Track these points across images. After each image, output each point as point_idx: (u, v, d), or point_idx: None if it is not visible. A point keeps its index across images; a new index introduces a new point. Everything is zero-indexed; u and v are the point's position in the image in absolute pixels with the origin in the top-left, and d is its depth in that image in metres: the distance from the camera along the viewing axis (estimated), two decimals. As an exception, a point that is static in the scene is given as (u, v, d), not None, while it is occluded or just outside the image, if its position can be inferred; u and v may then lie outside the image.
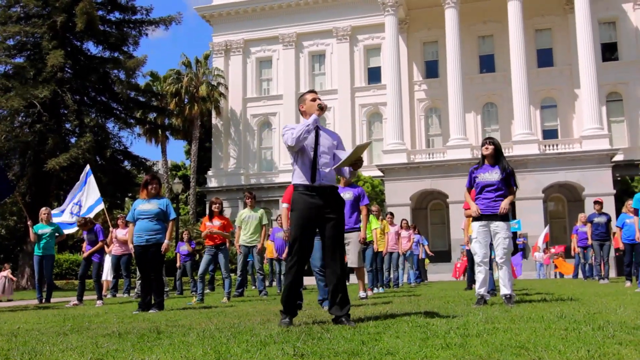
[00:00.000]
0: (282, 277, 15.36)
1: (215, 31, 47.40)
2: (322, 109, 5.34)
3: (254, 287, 17.50)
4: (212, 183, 45.70)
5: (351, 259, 9.33)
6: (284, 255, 15.16)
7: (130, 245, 8.87)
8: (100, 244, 11.80)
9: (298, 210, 5.26)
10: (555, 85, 40.55)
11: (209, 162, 47.70)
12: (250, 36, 46.42)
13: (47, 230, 12.45)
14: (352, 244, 9.07)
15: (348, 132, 43.15)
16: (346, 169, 5.45)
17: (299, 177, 5.31)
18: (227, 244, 11.17)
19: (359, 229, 9.09)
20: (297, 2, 45.13)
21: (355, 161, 5.19)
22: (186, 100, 45.75)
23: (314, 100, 5.45)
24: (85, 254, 11.98)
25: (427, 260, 23.97)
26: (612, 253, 15.65)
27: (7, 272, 17.34)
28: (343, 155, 5.24)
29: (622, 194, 31.65)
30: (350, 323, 4.92)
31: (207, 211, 11.03)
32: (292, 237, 5.28)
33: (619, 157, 36.63)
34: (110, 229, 14.74)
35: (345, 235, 8.94)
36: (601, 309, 5.97)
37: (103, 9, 31.55)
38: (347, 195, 9.06)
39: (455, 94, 37.26)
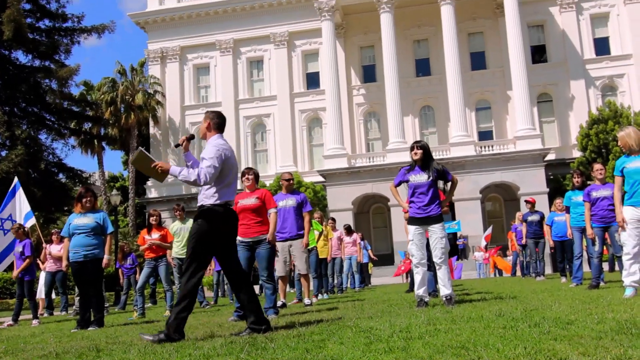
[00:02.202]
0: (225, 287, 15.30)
1: (151, 38, 46.55)
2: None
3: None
4: (152, 194, 44.85)
5: (298, 265, 9.34)
6: None
7: (65, 262, 8.57)
8: (27, 260, 11.22)
9: None
10: (489, 88, 41.66)
11: (148, 172, 46.67)
12: (187, 43, 45.82)
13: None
14: (296, 250, 9.09)
15: (288, 138, 43.19)
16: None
17: None
18: (168, 256, 10.99)
19: (302, 236, 9.10)
20: (234, 7, 44.86)
21: (152, 172, 5.29)
22: (122, 109, 44.69)
23: None
24: (14, 274, 11.39)
25: (370, 265, 24.20)
26: (548, 250, 16.15)
27: None
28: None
29: (555, 191, 32.73)
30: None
31: (146, 223, 10.83)
32: None
33: (551, 157, 37.91)
34: (44, 245, 14.23)
35: (290, 242, 9.02)
36: (537, 305, 6.15)
37: (32, 17, 30.64)
38: (289, 202, 9.08)
39: (393, 97, 37.79)
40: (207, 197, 5.32)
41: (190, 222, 12.13)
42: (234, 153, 5.59)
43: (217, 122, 5.53)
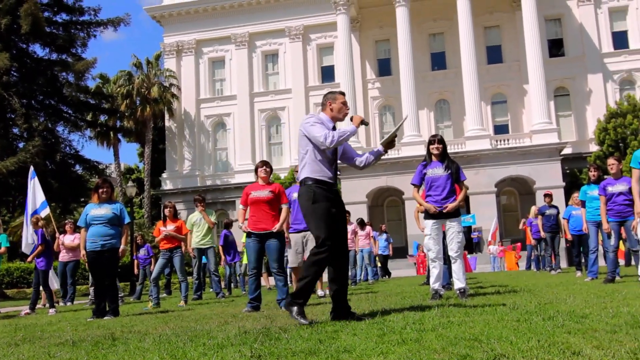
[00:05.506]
0: (237, 278, 15.50)
1: (167, 31, 46.76)
2: (364, 123, 5.19)
3: (211, 290, 17.35)
4: (167, 185, 45.10)
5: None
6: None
7: (83, 252, 8.67)
8: (39, 248, 11.44)
9: (324, 204, 5.08)
10: (505, 81, 41.39)
11: (163, 165, 47.03)
12: (202, 36, 45.97)
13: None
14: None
15: (303, 131, 43.20)
16: (372, 155, 5.48)
17: (315, 172, 5.15)
18: (183, 247, 11.06)
19: None
20: (249, 1, 44.87)
21: (392, 140, 5.33)
22: (138, 102, 45.00)
23: (344, 104, 5.32)
24: (28, 259, 11.80)
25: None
26: (563, 244, 16.04)
27: None
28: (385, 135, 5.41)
29: (572, 186, 32.50)
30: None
31: (162, 215, 10.93)
32: (323, 230, 5.03)
33: (567, 151, 37.63)
34: (57, 235, 14.37)
35: (304, 233, 8.93)
36: (552, 299, 6.12)
37: (49, 10, 30.82)
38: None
39: (408, 91, 37.66)
40: None
41: (210, 213, 12.23)
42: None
43: None
